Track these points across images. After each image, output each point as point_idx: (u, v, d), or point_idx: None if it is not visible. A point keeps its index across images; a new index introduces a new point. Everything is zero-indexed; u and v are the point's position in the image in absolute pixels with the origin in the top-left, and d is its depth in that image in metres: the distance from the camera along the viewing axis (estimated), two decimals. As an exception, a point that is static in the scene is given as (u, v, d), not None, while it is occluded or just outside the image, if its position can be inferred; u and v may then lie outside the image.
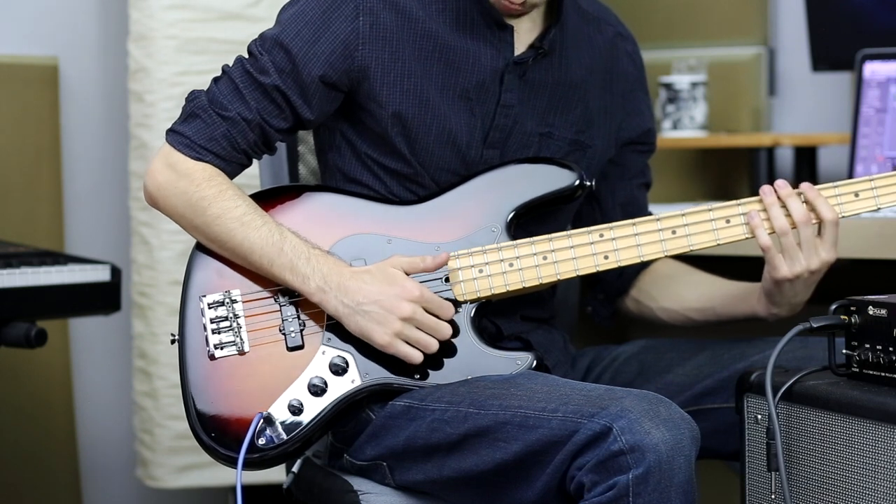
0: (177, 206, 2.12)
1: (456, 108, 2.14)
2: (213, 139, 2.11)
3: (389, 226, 2.13)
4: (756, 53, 3.32)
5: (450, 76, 2.13)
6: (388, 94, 2.12)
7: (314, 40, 2.10)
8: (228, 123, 2.10)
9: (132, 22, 3.27)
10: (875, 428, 1.82)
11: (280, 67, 2.10)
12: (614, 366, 2.30)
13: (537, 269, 2.10)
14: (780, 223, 2.06)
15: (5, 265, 2.66)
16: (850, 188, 2.07)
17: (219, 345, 2.10)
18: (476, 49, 2.14)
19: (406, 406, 2.07)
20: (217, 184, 2.10)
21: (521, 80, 2.17)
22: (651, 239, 2.09)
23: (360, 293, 2.05)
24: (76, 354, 3.48)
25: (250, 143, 2.12)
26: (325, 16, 2.11)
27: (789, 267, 2.07)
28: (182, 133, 2.12)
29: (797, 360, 2.06)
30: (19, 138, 3.33)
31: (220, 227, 2.09)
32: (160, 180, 2.13)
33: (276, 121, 2.12)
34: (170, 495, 3.54)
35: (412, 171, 2.15)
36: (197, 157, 2.11)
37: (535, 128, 2.19)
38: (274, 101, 2.11)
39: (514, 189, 2.13)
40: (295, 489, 2.22)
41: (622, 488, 1.85)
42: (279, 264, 2.07)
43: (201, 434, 2.09)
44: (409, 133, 2.13)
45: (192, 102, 2.13)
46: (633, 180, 2.35)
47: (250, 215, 2.09)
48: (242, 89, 2.11)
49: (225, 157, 2.12)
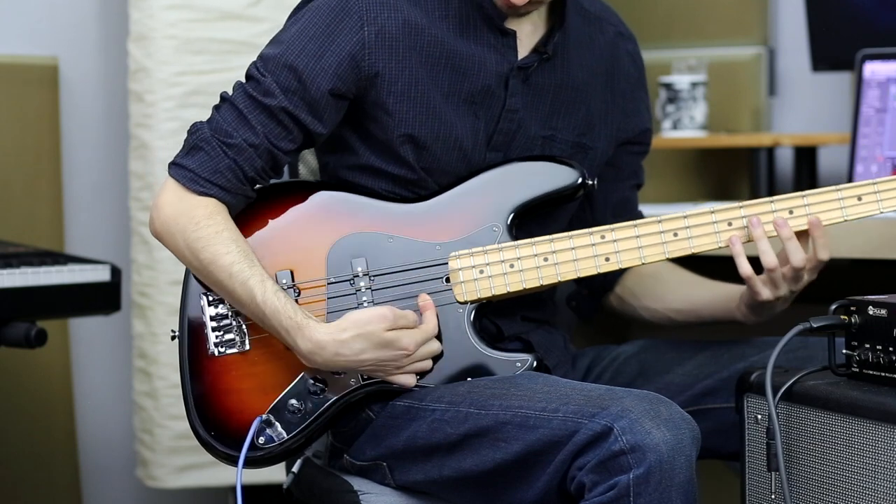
0: (178, 245, 2.10)
1: (461, 114, 2.14)
2: (217, 171, 2.07)
3: (390, 224, 2.13)
4: (756, 53, 3.32)
5: (456, 82, 2.13)
6: (396, 103, 2.11)
7: (320, 55, 2.07)
8: (234, 152, 2.07)
9: (132, 22, 3.27)
10: (875, 428, 1.82)
11: (286, 87, 2.07)
12: (614, 366, 2.30)
13: (538, 271, 2.10)
14: (768, 259, 2.06)
15: (5, 265, 2.66)
16: (853, 192, 2.06)
17: (219, 343, 2.10)
18: (481, 54, 2.13)
19: (406, 406, 2.08)
20: (215, 223, 2.07)
21: (525, 84, 2.17)
22: (653, 241, 2.09)
23: (353, 363, 2.04)
24: (76, 354, 3.48)
25: (258, 170, 2.09)
26: (329, 29, 2.08)
27: (772, 292, 2.08)
28: (185, 167, 2.09)
29: (797, 360, 2.06)
30: (19, 138, 3.33)
31: (212, 273, 2.06)
32: (165, 216, 2.10)
33: (284, 143, 2.09)
34: (170, 495, 3.54)
35: (416, 176, 2.14)
36: (202, 192, 2.08)
37: (538, 131, 2.19)
38: (281, 122, 2.08)
39: (516, 188, 2.13)
40: (295, 489, 2.22)
41: (623, 488, 1.85)
42: (267, 325, 2.06)
43: (201, 432, 2.09)
44: (417, 144, 2.12)
45: (195, 135, 2.09)
46: (626, 181, 2.35)
47: (238, 265, 2.05)
48: (247, 114, 2.07)
49: (230, 190, 2.08)
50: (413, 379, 2.08)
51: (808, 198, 2.07)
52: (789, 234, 2.05)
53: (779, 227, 2.06)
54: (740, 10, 3.36)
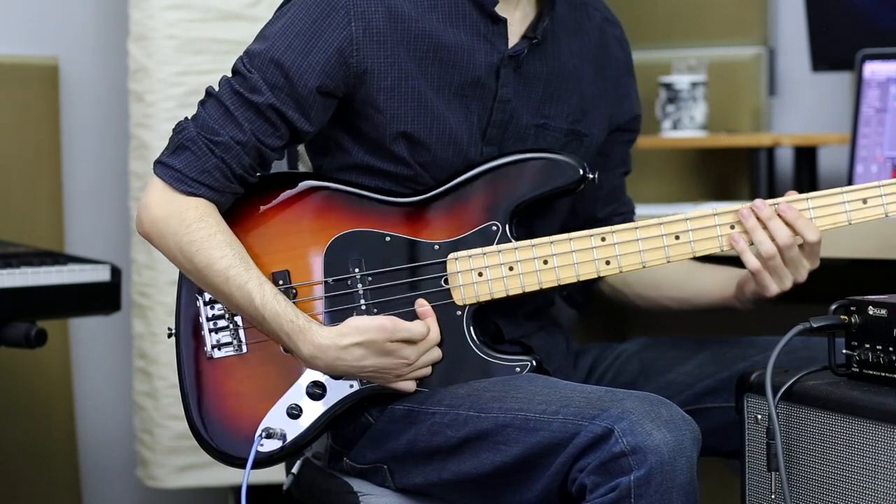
0: (169, 248, 2.07)
1: (453, 107, 2.12)
2: (205, 171, 2.05)
3: (388, 222, 2.12)
4: (756, 53, 3.32)
5: (445, 75, 2.11)
6: (386, 99, 2.09)
7: (307, 51, 2.05)
8: (221, 150, 2.04)
9: (132, 22, 3.27)
10: (875, 428, 1.82)
11: (273, 83, 2.05)
12: (616, 364, 2.30)
13: (538, 274, 2.09)
14: (765, 248, 2.04)
15: (5, 265, 2.66)
16: (858, 194, 2.05)
17: (217, 345, 2.09)
18: (470, 44, 2.11)
19: (406, 410, 2.07)
20: (206, 226, 2.05)
21: (517, 73, 2.15)
22: (654, 245, 2.08)
23: (354, 368, 2.03)
24: (76, 354, 3.48)
25: (245, 168, 2.06)
26: (315, 25, 2.06)
27: (778, 285, 2.08)
28: (172, 166, 2.06)
29: (799, 360, 2.06)
30: (19, 138, 3.33)
31: (207, 277, 2.05)
32: (154, 216, 2.07)
33: (271, 140, 2.07)
34: (170, 495, 3.54)
35: (412, 172, 2.13)
36: (189, 192, 2.05)
37: (530, 120, 2.17)
38: (268, 119, 2.06)
39: (515, 186, 2.11)
40: (295, 490, 2.21)
41: (624, 490, 1.85)
42: (265, 329, 2.05)
43: (201, 432, 2.09)
44: (411, 140, 2.11)
45: (181, 134, 2.07)
46: (616, 170, 2.34)
47: (235, 269, 2.03)
48: (234, 111, 2.05)
49: (218, 189, 2.06)
50: (413, 385, 2.08)
51: (813, 200, 2.06)
52: (796, 215, 2.04)
53: (783, 211, 2.05)
54: (740, 10, 3.36)
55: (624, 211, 2.36)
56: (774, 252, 2.04)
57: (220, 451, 2.09)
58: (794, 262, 2.05)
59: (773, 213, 2.04)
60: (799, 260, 2.05)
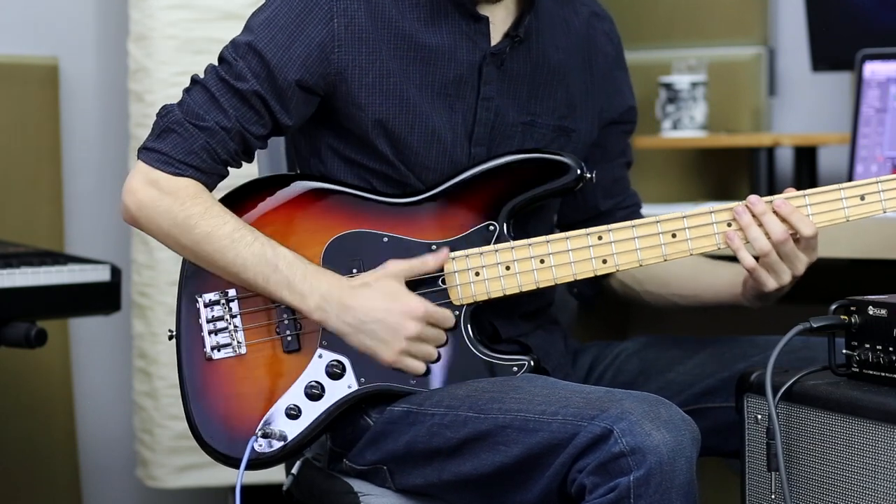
0: (161, 226, 2.07)
1: (436, 106, 2.12)
2: (191, 152, 2.05)
3: (385, 223, 2.11)
4: (756, 53, 3.32)
5: (427, 74, 2.11)
6: (368, 96, 2.09)
7: (288, 45, 2.06)
8: (207, 134, 2.05)
9: (132, 22, 3.27)
10: (875, 428, 1.82)
11: (256, 73, 2.06)
12: (616, 363, 2.30)
13: (534, 274, 2.09)
14: (760, 244, 2.04)
15: (5, 265, 2.66)
16: (856, 191, 2.05)
17: (216, 346, 2.09)
18: (452, 43, 2.12)
19: (405, 411, 2.07)
20: (202, 201, 2.06)
21: (500, 70, 2.15)
22: (651, 243, 2.07)
23: (361, 311, 2.04)
24: (76, 354, 3.48)
25: (230, 153, 2.07)
26: (298, 20, 2.06)
27: (776, 280, 2.07)
28: (158, 150, 2.06)
29: (799, 360, 2.06)
30: (19, 138, 3.33)
31: (209, 245, 2.05)
32: (142, 198, 2.08)
33: (255, 127, 2.07)
34: (170, 495, 3.54)
35: (398, 173, 2.12)
36: (177, 173, 2.06)
37: (517, 117, 2.17)
38: (253, 107, 2.06)
39: (514, 186, 2.11)
40: (295, 490, 2.21)
41: (623, 490, 1.85)
42: (275, 281, 2.05)
43: (201, 433, 2.09)
44: (391, 135, 2.11)
45: (166, 118, 2.07)
46: (616, 161, 2.33)
47: (240, 231, 2.05)
48: (219, 97, 2.06)
49: (205, 171, 2.07)
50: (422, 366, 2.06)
51: (810, 197, 2.06)
52: (791, 210, 2.04)
53: (778, 207, 2.04)
54: (740, 10, 3.36)
55: (629, 204, 2.36)
56: (769, 248, 2.04)
57: (219, 451, 2.09)
58: (789, 257, 2.05)
59: (767, 208, 2.04)
60: (794, 254, 2.05)
